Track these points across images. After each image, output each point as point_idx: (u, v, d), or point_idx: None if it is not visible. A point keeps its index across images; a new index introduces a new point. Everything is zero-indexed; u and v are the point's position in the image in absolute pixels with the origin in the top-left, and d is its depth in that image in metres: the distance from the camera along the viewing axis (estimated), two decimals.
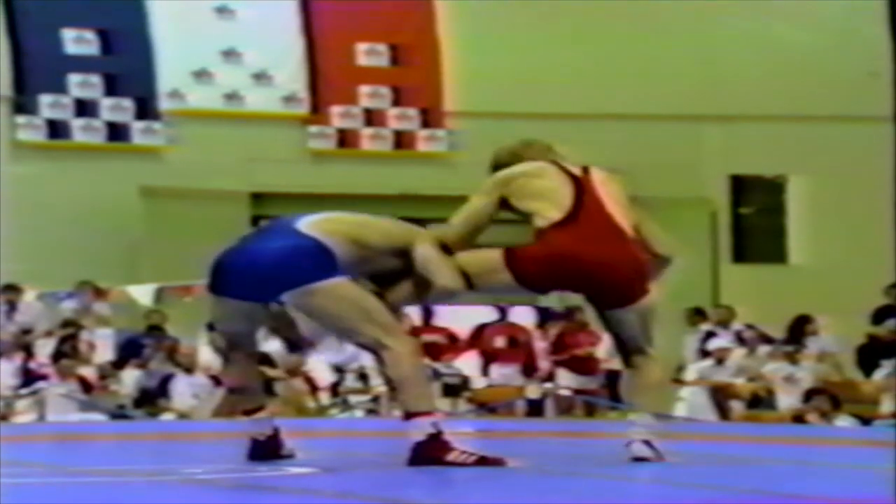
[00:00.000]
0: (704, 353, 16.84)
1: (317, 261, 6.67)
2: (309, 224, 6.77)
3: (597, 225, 7.03)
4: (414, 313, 17.60)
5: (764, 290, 19.01)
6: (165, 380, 15.34)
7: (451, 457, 6.62)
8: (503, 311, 17.72)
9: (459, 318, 18.17)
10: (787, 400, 15.63)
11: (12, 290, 16.30)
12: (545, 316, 18.41)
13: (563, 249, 6.94)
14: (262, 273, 6.65)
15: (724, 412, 15.87)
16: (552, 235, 6.97)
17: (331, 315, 6.72)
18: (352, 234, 6.82)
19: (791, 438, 9.84)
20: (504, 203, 7.23)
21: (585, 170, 7.27)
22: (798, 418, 14.72)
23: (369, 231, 6.89)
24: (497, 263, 7.07)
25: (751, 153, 19.97)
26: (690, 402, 15.99)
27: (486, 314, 17.81)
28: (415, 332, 17.22)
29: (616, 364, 16.76)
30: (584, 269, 6.95)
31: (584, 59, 19.59)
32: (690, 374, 16.39)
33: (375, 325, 6.72)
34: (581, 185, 7.10)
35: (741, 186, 20.50)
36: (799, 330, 16.81)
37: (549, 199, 7.05)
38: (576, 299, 7.52)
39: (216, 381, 15.41)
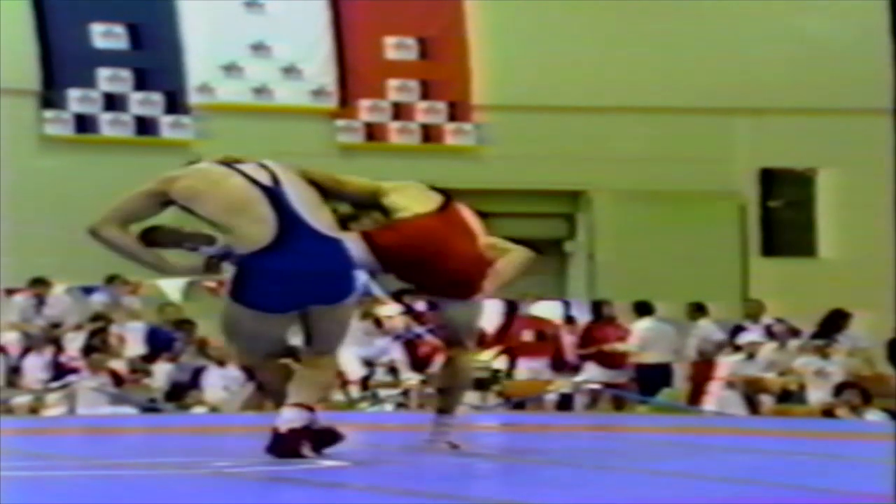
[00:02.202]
0: (735, 348, 16.79)
1: (348, 270, 6.94)
2: (320, 222, 6.84)
3: (456, 222, 7.43)
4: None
5: (793, 283, 18.94)
6: (197, 372, 15.38)
7: (303, 451, 6.73)
8: (529, 305, 17.68)
9: (486, 311, 18.09)
10: (818, 394, 15.58)
11: (41, 283, 16.32)
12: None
13: (428, 227, 7.27)
14: (314, 286, 6.79)
15: (753, 406, 15.83)
16: (418, 218, 7.31)
17: (340, 323, 6.97)
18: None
19: (821, 433, 9.80)
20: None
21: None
22: (828, 413, 14.67)
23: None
24: (356, 236, 7.27)
25: (780, 146, 19.89)
26: (720, 396, 15.96)
27: (513, 307, 17.77)
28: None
29: (645, 357, 16.84)
30: (439, 251, 7.26)
31: (613, 52, 19.54)
32: (721, 368, 16.35)
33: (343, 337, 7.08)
34: (449, 199, 7.55)
35: (771, 180, 20.43)
36: (834, 324, 16.73)
37: (420, 202, 7.41)
38: None
39: (248, 374, 15.45)
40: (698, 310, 17.37)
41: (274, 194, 6.79)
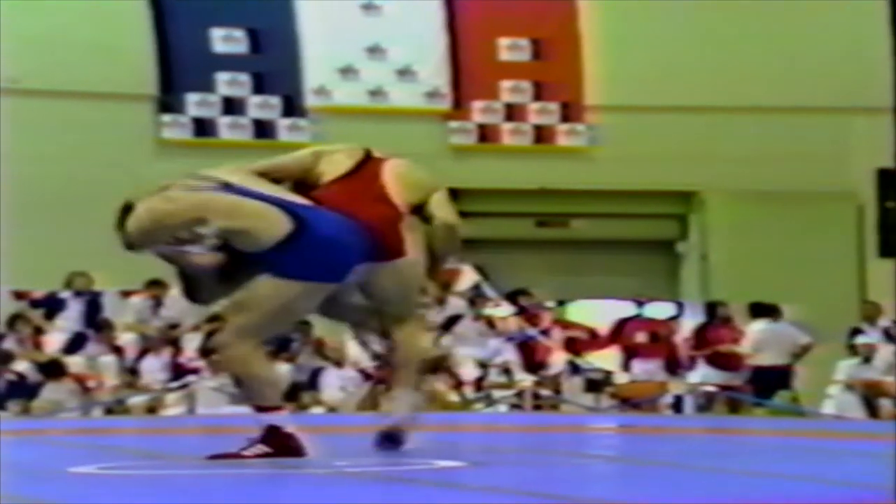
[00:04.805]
0: (852, 351, 16.61)
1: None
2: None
3: (363, 185, 7.19)
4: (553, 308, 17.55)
5: None
6: (315, 373, 15.52)
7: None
8: (641, 306, 17.64)
9: (599, 312, 18.11)
10: None
11: (157, 285, 16.51)
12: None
13: (327, 196, 7.13)
14: (355, 247, 6.90)
15: (873, 410, 15.63)
16: (323, 188, 7.21)
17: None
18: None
19: None
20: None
21: (381, 157, 7.45)
22: None
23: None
24: None
25: None
26: (839, 399, 15.80)
27: (625, 309, 17.73)
28: (554, 326, 17.21)
29: (761, 359, 16.69)
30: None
31: (726, 50, 19.41)
32: (839, 372, 16.18)
33: None
34: (366, 160, 7.34)
35: (888, 180, 20.16)
36: None
37: (334, 169, 7.30)
38: None
39: (365, 375, 15.56)
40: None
41: (245, 193, 6.94)
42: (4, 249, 17.08)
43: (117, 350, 16.01)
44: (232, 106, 19.01)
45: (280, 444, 6.75)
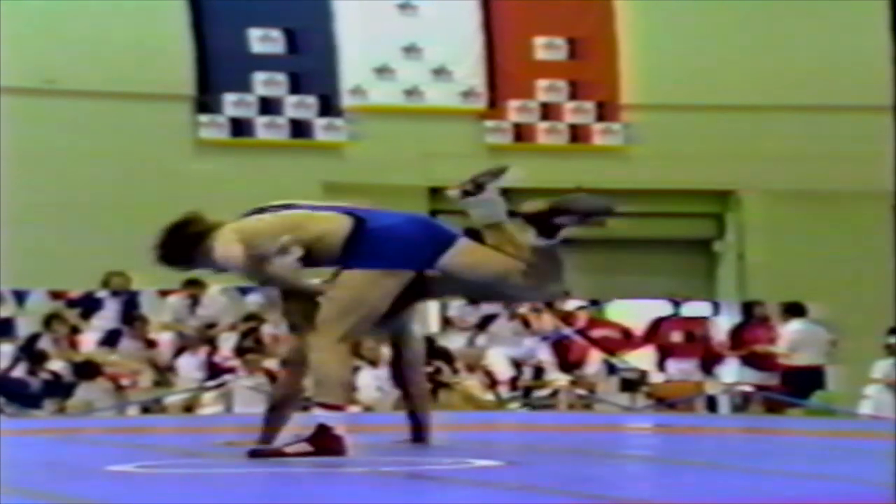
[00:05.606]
0: (889, 351, 16.54)
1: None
2: None
3: None
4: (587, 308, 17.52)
5: None
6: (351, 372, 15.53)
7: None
8: (677, 305, 17.61)
9: (634, 312, 18.09)
10: None
11: (195, 284, 16.56)
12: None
13: None
14: (422, 244, 7.12)
15: None
16: None
17: None
18: None
19: None
20: None
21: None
22: None
23: None
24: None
25: None
26: (877, 399, 15.75)
27: (661, 308, 17.69)
28: (589, 326, 17.20)
29: (796, 360, 16.63)
30: None
31: (763, 49, 19.36)
32: (875, 371, 16.13)
33: None
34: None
35: None
36: None
37: None
38: None
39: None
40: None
41: (310, 207, 7.32)
42: (43, 249, 17.18)
43: (151, 345, 16.06)
44: (269, 106, 19.08)
45: (323, 445, 6.77)
